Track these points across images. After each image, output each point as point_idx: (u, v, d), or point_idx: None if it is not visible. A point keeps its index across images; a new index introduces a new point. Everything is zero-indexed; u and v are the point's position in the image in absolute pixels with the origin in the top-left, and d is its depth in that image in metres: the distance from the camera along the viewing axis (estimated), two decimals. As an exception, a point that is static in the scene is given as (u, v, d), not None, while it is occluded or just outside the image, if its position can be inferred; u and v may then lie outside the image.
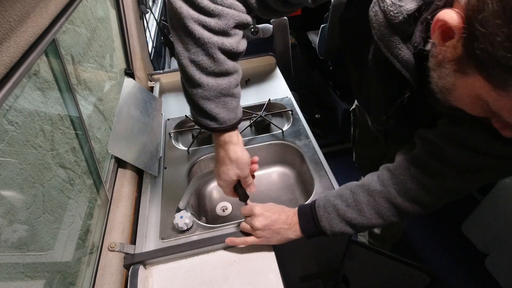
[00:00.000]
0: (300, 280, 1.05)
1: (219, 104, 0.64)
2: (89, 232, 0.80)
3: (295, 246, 0.90)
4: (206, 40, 0.57)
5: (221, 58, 0.60)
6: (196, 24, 0.57)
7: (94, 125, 0.95)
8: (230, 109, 0.65)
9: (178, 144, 1.15)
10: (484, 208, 1.61)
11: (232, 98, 0.65)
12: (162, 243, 0.82)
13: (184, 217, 0.82)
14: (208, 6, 0.56)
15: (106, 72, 1.11)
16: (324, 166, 0.99)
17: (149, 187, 0.97)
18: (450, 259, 1.66)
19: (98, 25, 1.06)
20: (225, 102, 0.64)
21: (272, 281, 0.75)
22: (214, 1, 0.57)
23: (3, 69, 0.43)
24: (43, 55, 0.67)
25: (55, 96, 0.72)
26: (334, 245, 0.97)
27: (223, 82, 0.62)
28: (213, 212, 1.09)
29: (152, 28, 1.81)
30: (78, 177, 0.79)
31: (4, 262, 0.51)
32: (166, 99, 1.37)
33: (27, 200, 0.58)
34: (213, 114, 0.64)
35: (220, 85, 0.62)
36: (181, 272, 0.78)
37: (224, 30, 0.58)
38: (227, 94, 0.64)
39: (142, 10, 1.31)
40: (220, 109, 0.64)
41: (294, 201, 1.09)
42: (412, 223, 1.82)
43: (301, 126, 1.16)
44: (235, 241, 0.76)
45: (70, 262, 0.69)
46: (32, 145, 0.61)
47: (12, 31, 0.43)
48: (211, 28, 0.57)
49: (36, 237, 0.59)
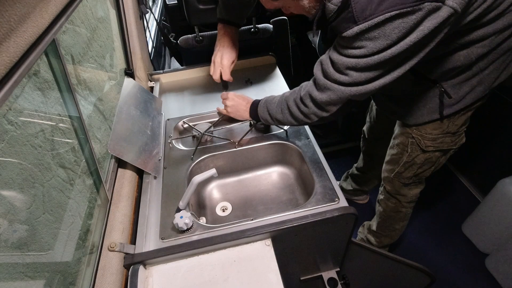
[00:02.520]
0: (300, 280, 1.05)
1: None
2: (89, 232, 0.80)
3: (295, 246, 0.90)
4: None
5: None
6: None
7: (94, 125, 0.95)
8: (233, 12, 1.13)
9: (178, 144, 1.15)
10: (484, 208, 1.61)
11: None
12: (162, 243, 0.82)
13: (184, 217, 0.82)
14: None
15: (106, 72, 1.11)
16: (324, 166, 0.99)
17: (149, 187, 0.97)
18: (450, 259, 1.66)
19: (98, 25, 1.06)
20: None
21: (272, 281, 0.75)
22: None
23: (3, 69, 0.43)
24: (43, 55, 0.67)
25: (55, 96, 0.72)
26: (334, 245, 0.97)
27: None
28: (213, 212, 1.09)
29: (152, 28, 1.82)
30: (78, 177, 0.79)
31: (4, 262, 0.51)
32: (166, 99, 1.37)
33: (27, 200, 0.58)
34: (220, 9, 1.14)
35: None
36: (181, 272, 0.78)
37: None
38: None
39: (142, 10, 1.31)
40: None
41: (294, 201, 1.09)
42: (412, 223, 1.82)
43: (301, 126, 1.16)
44: (221, 110, 1.19)
45: (70, 262, 0.69)
46: (32, 145, 0.61)
47: (12, 31, 0.43)
48: None
49: (36, 237, 0.59)
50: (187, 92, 1.41)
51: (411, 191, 1.30)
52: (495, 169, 1.73)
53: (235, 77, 1.38)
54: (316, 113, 0.88)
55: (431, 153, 1.12)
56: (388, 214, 1.42)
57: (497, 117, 1.67)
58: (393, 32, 0.65)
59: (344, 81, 0.75)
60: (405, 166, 1.20)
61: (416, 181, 1.26)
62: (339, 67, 0.74)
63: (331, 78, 0.78)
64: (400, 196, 1.32)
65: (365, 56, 0.69)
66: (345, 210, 0.85)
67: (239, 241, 0.81)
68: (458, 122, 1.03)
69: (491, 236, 1.59)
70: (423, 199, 1.93)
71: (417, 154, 1.14)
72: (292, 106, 0.93)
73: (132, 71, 1.28)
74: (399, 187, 1.29)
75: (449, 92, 0.94)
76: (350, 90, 0.76)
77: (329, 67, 0.77)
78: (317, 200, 0.90)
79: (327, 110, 0.86)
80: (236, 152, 1.11)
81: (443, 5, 0.63)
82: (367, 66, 0.70)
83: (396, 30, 0.64)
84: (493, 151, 1.74)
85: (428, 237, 1.77)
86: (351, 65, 0.72)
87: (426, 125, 1.06)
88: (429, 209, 1.90)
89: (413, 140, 1.11)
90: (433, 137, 1.07)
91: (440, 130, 1.05)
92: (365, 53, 0.69)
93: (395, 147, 1.20)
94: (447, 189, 1.98)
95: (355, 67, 0.72)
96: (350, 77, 0.74)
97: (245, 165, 1.16)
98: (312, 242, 0.91)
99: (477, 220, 1.68)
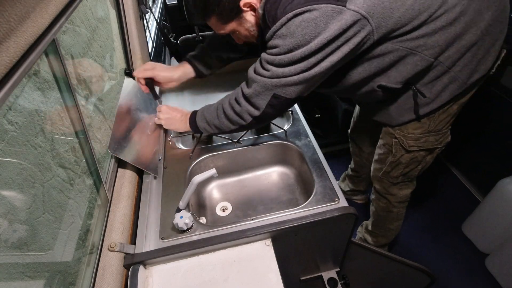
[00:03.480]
0: (300, 280, 1.05)
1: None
2: (89, 232, 0.80)
3: (295, 246, 0.90)
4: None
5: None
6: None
7: (94, 125, 0.95)
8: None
9: (178, 144, 1.15)
10: (484, 208, 1.61)
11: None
12: (162, 243, 0.82)
13: (184, 217, 0.82)
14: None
15: (106, 72, 1.11)
16: (324, 166, 0.99)
17: (149, 187, 0.97)
18: (450, 259, 1.66)
19: (98, 25, 1.06)
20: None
21: (272, 281, 0.75)
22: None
23: (3, 69, 0.43)
24: (43, 55, 0.67)
25: (55, 96, 0.72)
26: (334, 245, 0.97)
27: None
28: (213, 212, 1.09)
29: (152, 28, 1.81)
30: (78, 177, 0.79)
31: (4, 262, 0.51)
32: (166, 99, 1.37)
33: (27, 200, 0.58)
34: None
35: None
36: (181, 272, 0.78)
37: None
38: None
39: (142, 10, 1.31)
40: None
41: (294, 201, 1.09)
42: (412, 223, 1.82)
43: (301, 126, 1.16)
44: (156, 121, 1.15)
45: (70, 262, 0.69)
46: (32, 145, 0.61)
47: (12, 31, 0.43)
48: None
49: (36, 237, 0.59)
50: (187, 92, 1.41)
51: (401, 191, 1.30)
52: (495, 169, 1.73)
53: (235, 78, 1.38)
54: (249, 110, 0.92)
55: (416, 153, 1.12)
56: (380, 213, 1.43)
57: (497, 117, 1.67)
58: (297, 30, 0.74)
59: (265, 75, 0.85)
60: (392, 166, 1.20)
61: (406, 180, 1.26)
62: (262, 62, 0.86)
63: (256, 72, 0.88)
64: (390, 195, 1.32)
65: (279, 54, 0.79)
66: (345, 210, 0.85)
67: (239, 241, 0.81)
68: (439, 121, 1.04)
69: (491, 236, 1.59)
70: (423, 199, 1.94)
71: (402, 154, 1.14)
72: (227, 108, 0.96)
73: (132, 71, 1.28)
74: (388, 186, 1.30)
75: (422, 91, 0.95)
76: (271, 81, 0.84)
77: (257, 64, 0.88)
78: (317, 200, 0.90)
79: (256, 105, 0.90)
80: (236, 152, 1.11)
81: (345, 8, 0.71)
82: (282, 63, 0.80)
83: (299, 28, 0.73)
84: (493, 151, 1.74)
85: (428, 237, 1.77)
86: (270, 60, 0.82)
87: (407, 125, 1.07)
88: (429, 209, 1.90)
89: (396, 140, 1.12)
90: (415, 136, 1.08)
91: (421, 129, 1.06)
92: (279, 51, 0.79)
93: (382, 147, 1.21)
94: (447, 189, 1.98)
95: (273, 62, 0.82)
96: (270, 71, 0.83)
97: (245, 165, 1.16)
98: (312, 242, 0.91)
99: (477, 220, 1.68)
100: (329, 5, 0.71)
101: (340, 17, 0.71)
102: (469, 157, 1.94)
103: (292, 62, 0.79)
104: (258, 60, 0.88)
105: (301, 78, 0.81)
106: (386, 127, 1.15)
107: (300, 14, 0.73)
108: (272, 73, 0.83)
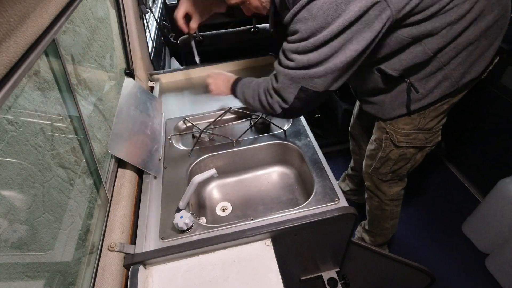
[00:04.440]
0: (300, 280, 1.05)
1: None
2: (89, 232, 0.80)
3: (295, 246, 0.90)
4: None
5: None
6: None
7: (94, 125, 0.95)
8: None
9: (178, 144, 1.15)
10: (484, 208, 1.61)
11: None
12: (162, 243, 0.82)
13: (184, 217, 0.82)
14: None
15: (106, 72, 1.11)
16: (324, 166, 0.99)
17: (149, 187, 0.97)
18: (450, 259, 1.66)
19: (98, 25, 1.06)
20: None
21: (272, 281, 0.75)
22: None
23: (3, 69, 0.43)
24: (43, 55, 0.67)
25: (55, 96, 0.72)
26: (334, 245, 0.97)
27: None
28: (213, 212, 1.09)
29: (152, 28, 1.81)
30: (78, 177, 0.79)
31: (4, 262, 0.51)
32: (166, 99, 1.37)
33: (27, 200, 0.58)
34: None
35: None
36: (181, 272, 0.78)
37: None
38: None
39: (142, 10, 1.31)
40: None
41: (294, 201, 1.09)
42: (411, 223, 1.82)
43: (301, 126, 1.16)
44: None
45: (70, 262, 0.69)
46: (32, 145, 0.61)
47: (12, 31, 0.43)
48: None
49: (36, 237, 0.59)
50: (187, 92, 1.41)
51: (391, 189, 1.32)
52: (495, 169, 1.73)
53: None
54: (279, 102, 0.92)
55: (405, 149, 1.14)
56: (374, 212, 1.44)
57: (497, 117, 1.67)
58: (318, 13, 0.72)
59: (291, 66, 0.83)
60: (381, 162, 1.22)
61: (395, 178, 1.27)
62: (286, 53, 0.84)
63: (282, 64, 0.86)
64: (380, 193, 1.34)
65: (301, 40, 0.77)
66: (345, 210, 0.85)
67: (239, 241, 0.81)
68: (429, 118, 1.05)
69: (491, 236, 1.59)
70: (423, 199, 1.94)
71: (391, 149, 1.16)
72: (261, 95, 0.98)
73: (132, 71, 1.28)
74: (378, 183, 1.31)
75: (416, 86, 0.96)
76: (297, 73, 0.83)
77: (281, 55, 0.87)
78: (317, 200, 0.90)
79: (285, 98, 0.90)
80: (236, 152, 1.11)
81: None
82: (306, 49, 0.78)
83: (320, 11, 0.72)
84: (493, 151, 1.74)
85: (428, 237, 1.77)
86: (293, 49, 0.80)
87: (398, 120, 1.08)
88: (429, 209, 1.90)
89: (387, 135, 1.14)
90: (405, 132, 1.09)
91: (411, 125, 1.07)
92: (300, 37, 0.77)
93: (373, 142, 1.23)
94: (447, 189, 1.98)
95: (296, 50, 0.80)
96: (295, 61, 0.82)
97: (245, 165, 1.16)
98: (312, 242, 0.91)
99: (477, 220, 1.68)
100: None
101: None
102: (469, 157, 1.94)
103: (315, 47, 0.77)
104: (281, 52, 0.87)
105: (327, 69, 0.80)
106: (378, 121, 1.17)
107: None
108: (297, 63, 0.81)
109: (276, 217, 0.86)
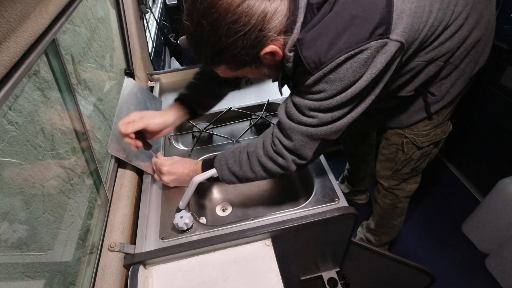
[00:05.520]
0: (300, 280, 1.05)
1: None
2: (89, 232, 0.80)
3: (295, 246, 0.90)
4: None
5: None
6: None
7: (94, 125, 0.95)
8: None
9: (178, 144, 1.15)
10: (484, 208, 1.61)
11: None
12: (162, 243, 0.82)
13: (184, 217, 0.82)
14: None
15: (106, 72, 1.11)
16: (324, 166, 0.99)
17: (149, 187, 0.97)
18: (450, 259, 1.66)
19: (98, 25, 1.06)
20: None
21: (272, 281, 0.75)
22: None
23: (3, 69, 0.43)
24: (43, 55, 0.67)
25: (55, 96, 0.72)
26: (334, 245, 0.97)
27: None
28: (213, 212, 1.09)
29: (152, 28, 1.82)
30: (78, 177, 0.79)
31: (4, 262, 0.51)
32: (166, 99, 1.37)
33: (27, 200, 0.58)
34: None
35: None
36: (181, 272, 0.78)
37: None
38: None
39: (142, 10, 1.32)
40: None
41: (294, 201, 1.09)
42: (412, 223, 1.82)
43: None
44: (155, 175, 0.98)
45: (70, 262, 0.69)
46: (32, 145, 0.61)
47: (12, 31, 0.43)
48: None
49: (36, 237, 0.59)
50: (187, 92, 1.40)
51: (409, 185, 1.32)
52: (495, 169, 1.73)
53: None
54: (295, 160, 0.83)
55: (426, 148, 1.14)
56: (386, 211, 1.43)
57: (497, 117, 1.67)
58: (347, 73, 0.67)
59: (311, 123, 0.76)
60: (403, 164, 1.21)
61: (414, 174, 1.28)
62: (302, 110, 0.75)
63: (296, 120, 0.77)
64: (398, 190, 1.34)
65: (326, 98, 0.71)
66: (345, 210, 0.85)
67: (239, 241, 0.81)
68: (445, 114, 1.06)
69: (491, 236, 1.59)
70: (423, 199, 1.94)
71: (414, 152, 1.16)
72: (266, 162, 0.85)
73: (132, 71, 1.28)
74: (398, 183, 1.31)
75: (432, 91, 0.97)
76: (320, 130, 0.76)
77: (293, 110, 0.77)
78: (317, 200, 0.90)
79: (303, 156, 0.82)
80: (236, 152, 1.11)
81: (389, 40, 0.66)
82: (330, 107, 0.72)
83: (349, 70, 0.67)
84: (493, 151, 1.74)
85: (428, 237, 1.77)
86: (314, 107, 0.73)
87: (417, 124, 1.08)
88: (429, 209, 1.90)
89: (407, 140, 1.13)
90: (426, 133, 1.09)
91: (431, 125, 1.08)
92: (325, 96, 0.71)
93: (388, 147, 1.22)
94: (447, 189, 1.98)
95: (318, 108, 0.73)
96: (316, 118, 0.75)
97: (245, 165, 1.16)
98: (312, 242, 0.91)
99: (477, 220, 1.68)
100: (379, 41, 0.65)
101: (385, 49, 0.67)
102: (469, 157, 1.94)
103: (341, 104, 0.72)
104: (292, 107, 0.78)
105: (350, 119, 0.75)
106: (393, 129, 1.16)
107: (351, 57, 0.66)
108: (320, 120, 0.75)
109: (276, 217, 0.86)
